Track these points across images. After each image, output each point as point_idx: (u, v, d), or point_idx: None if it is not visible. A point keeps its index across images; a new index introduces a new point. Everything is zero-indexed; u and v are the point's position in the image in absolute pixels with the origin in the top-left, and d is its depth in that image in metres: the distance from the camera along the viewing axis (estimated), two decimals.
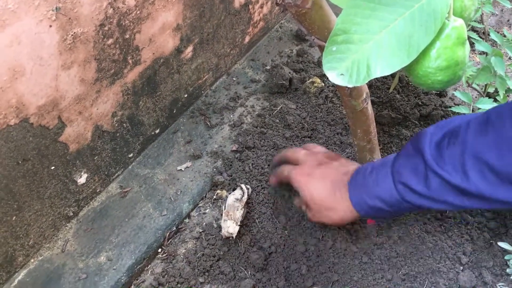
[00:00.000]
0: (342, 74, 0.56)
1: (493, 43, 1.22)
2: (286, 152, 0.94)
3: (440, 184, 0.66)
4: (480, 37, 1.18)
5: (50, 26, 0.69)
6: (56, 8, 0.69)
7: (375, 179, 0.75)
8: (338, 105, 1.14)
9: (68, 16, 0.71)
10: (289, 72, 1.19)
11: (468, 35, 0.98)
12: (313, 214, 0.83)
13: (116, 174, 1.00)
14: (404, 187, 0.70)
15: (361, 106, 0.79)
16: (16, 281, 0.85)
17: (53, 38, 0.71)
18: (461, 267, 0.87)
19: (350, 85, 0.55)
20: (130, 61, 0.88)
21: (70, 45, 0.74)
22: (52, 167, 0.83)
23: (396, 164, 0.73)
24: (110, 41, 0.81)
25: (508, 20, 1.41)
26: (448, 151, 0.66)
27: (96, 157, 0.92)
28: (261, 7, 1.23)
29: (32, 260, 0.88)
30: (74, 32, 0.74)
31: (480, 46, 0.87)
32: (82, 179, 0.91)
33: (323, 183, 0.82)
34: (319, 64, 1.25)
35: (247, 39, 1.24)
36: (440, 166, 0.66)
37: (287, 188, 0.96)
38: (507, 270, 0.83)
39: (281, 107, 1.13)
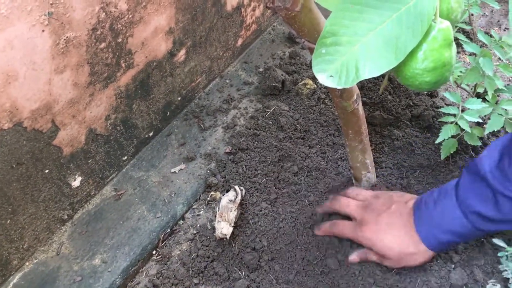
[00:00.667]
0: (331, 76, 0.57)
1: (483, 44, 1.23)
2: (332, 204, 0.92)
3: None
4: (470, 38, 1.20)
5: (43, 30, 0.70)
6: (49, 13, 0.69)
7: (441, 213, 0.74)
8: (330, 106, 1.15)
9: (61, 20, 0.72)
10: (282, 74, 1.20)
11: (456, 36, 1.00)
12: (396, 263, 0.82)
13: (110, 177, 1.01)
14: (476, 216, 0.70)
15: (352, 107, 0.80)
16: (11, 284, 0.85)
17: (45, 42, 0.71)
18: (453, 265, 0.88)
19: (339, 87, 0.56)
20: (123, 65, 0.89)
21: (62, 49, 0.74)
22: (46, 171, 0.84)
23: (460, 194, 0.72)
24: (103, 45, 0.82)
25: (498, 21, 1.42)
26: (511, 169, 0.65)
27: (90, 160, 0.93)
28: (253, 10, 1.24)
29: (27, 263, 0.88)
30: (67, 37, 0.74)
31: (468, 47, 0.88)
32: (76, 182, 0.92)
33: (394, 233, 0.81)
34: (311, 66, 1.25)
35: (239, 41, 1.25)
36: (508, 187, 0.65)
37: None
38: (499, 267, 0.84)
39: (274, 109, 1.14)
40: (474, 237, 0.74)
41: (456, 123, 0.88)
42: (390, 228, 0.81)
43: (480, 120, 0.87)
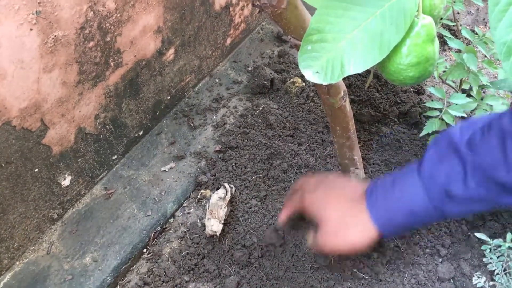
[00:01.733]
0: (317, 72, 0.58)
1: (469, 42, 1.25)
2: (294, 186, 0.84)
3: (481, 179, 0.59)
4: (455, 35, 1.21)
5: (31, 29, 0.70)
6: (37, 11, 0.69)
7: (400, 191, 0.66)
8: (319, 104, 1.16)
9: (49, 19, 0.72)
10: (271, 73, 1.21)
11: (441, 33, 1.01)
12: (327, 238, 0.72)
13: (100, 176, 1.01)
14: (439, 193, 0.63)
15: (339, 103, 0.81)
16: (1, 283, 0.85)
17: (34, 41, 0.71)
18: (440, 259, 0.89)
19: (325, 83, 0.57)
20: (112, 64, 0.89)
21: (51, 48, 0.75)
22: (36, 170, 0.84)
23: (425, 170, 0.64)
24: (91, 44, 0.82)
25: (483, 19, 1.44)
26: (483, 144, 0.59)
27: (80, 159, 0.93)
28: (242, 9, 1.24)
29: (17, 263, 0.88)
30: (55, 35, 0.74)
31: (453, 43, 0.89)
32: (66, 181, 0.92)
33: (339, 202, 0.73)
34: None
35: (228, 41, 1.26)
36: (480, 157, 0.59)
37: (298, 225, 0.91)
38: (484, 260, 0.86)
39: (263, 107, 1.15)
40: (433, 220, 0.66)
41: (442, 118, 0.90)
42: (338, 198, 0.73)
43: (465, 115, 0.89)
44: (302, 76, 1.21)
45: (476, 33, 0.92)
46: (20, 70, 0.71)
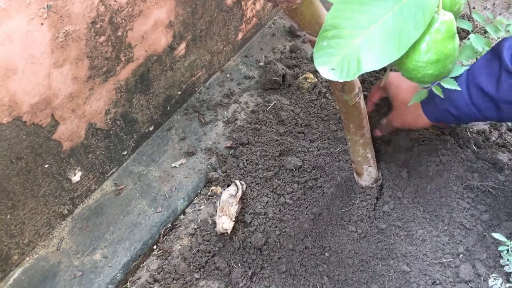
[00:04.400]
0: (333, 69, 0.56)
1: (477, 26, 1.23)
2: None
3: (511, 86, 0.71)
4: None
5: (42, 24, 0.69)
6: (47, 6, 0.69)
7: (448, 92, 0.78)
8: (331, 100, 1.15)
9: (60, 14, 0.71)
10: (282, 68, 1.19)
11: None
12: (396, 113, 0.93)
13: (111, 172, 1.00)
14: (475, 88, 0.76)
15: (354, 100, 0.79)
16: (11, 279, 0.85)
17: (44, 36, 0.71)
18: (458, 260, 0.87)
19: (341, 80, 0.56)
20: (123, 59, 0.88)
21: (62, 43, 0.74)
22: (46, 165, 0.84)
23: (471, 69, 0.78)
24: (102, 38, 0.81)
25: (500, 14, 1.41)
26: None
27: (90, 155, 0.92)
28: (254, 3, 1.23)
29: (27, 259, 0.88)
30: (66, 30, 0.74)
31: (463, 25, 0.87)
32: (76, 177, 0.91)
33: (411, 85, 0.89)
34: (312, 59, 1.25)
35: (240, 35, 1.24)
36: None
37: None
38: (501, 261, 0.84)
39: (275, 103, 1.14)
40: (467, 115, 0.79)
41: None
42: (406, 82, 0.90)
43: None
44: (314, 72, 1.19)
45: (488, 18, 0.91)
46: (31, 65, 0.71)
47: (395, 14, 0.54)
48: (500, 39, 0.80)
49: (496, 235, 0.84)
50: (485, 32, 0.98)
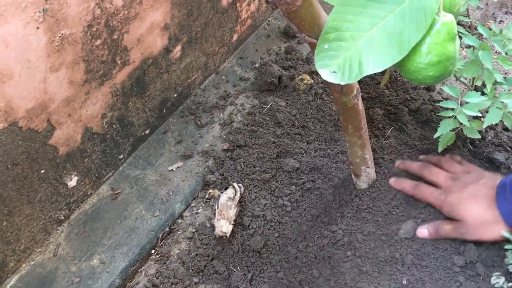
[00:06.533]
0: (334, 72, 0.56)
1: (479, 37, 1.23)
2: (421, 169, 0.96)
3: None
4: (467, 31, 1.19)
5: (38, 28, 0.68)
6: (43, 9, 0.68)
7: None
8: (328, 101, 1.14)
9: (56, 17, 0.70)
10: (278, 70, 1.19)
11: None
12: (472, 231, 0.84)
13: (107, 176, 0.99)
14: None
15: (352, 102, 0.79)
16: (8, 286, 0.84)
17: (40, 40, 0.70)
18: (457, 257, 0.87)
19: (342, 83, 0.55)
20: (119, 62, 0.87)
21: (58, 46, 0.73)
22: (42, 171, 0.83)
23: None
24: (98, 42, 0.80)
25: (493, 14, 1.42)
26: None
27: (87, 159, 0.91)
28: (249, 4, 1.22)
29: (23, 265, 0.87)
30: (62, 34, 0.73)
31: (468, 40, 0.87)
32: (72, 182, 0.90)
33: (477, 201, 0.84)
34: (308, 61, 1.25)
35: (235, 37, 1.24)
36: None
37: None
38: (505, 260, 0.84)
39: (271, 105, 1.13)
40: None
41: (455, 117, 0.88)
42: (474, 198, 0.84)
43: (480, 115, 0.87)
44: (310, 73, 1.19)
45: (491, 29, 0.90)
46: (26, 70, 0.70)
47: (396, 16, 0.54)
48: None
49: (504, 233, 0.83)
50: (475, 28, 0.98)
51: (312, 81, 1.17)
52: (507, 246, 0.83)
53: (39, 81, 0.73)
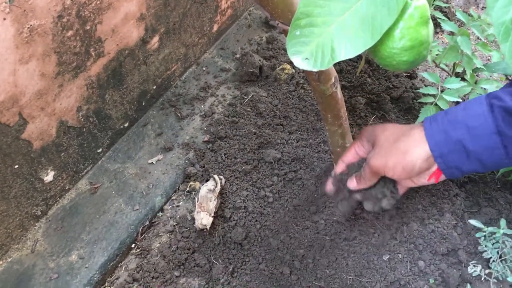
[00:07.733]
0: (307, 58, 0.55)
1: (461, 23, 1.23)
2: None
3: None
4: (447, 17, 1.18)
5: (4, 19, 0.66)
6: (9, 0, 0.66)
7: (463, 107, 0.64)
8: (309, 91, 1.13)
9: (23, 8, 0.68)
10: (259, 60, 1.18)
11: (434, 15, 0.98)
12: (379, 156, 0.71)
13: (85, 170, 0.98)
14: (501, 112, 0.60)
15: (330, 90, 0.78)
16: None
17: (7, 31, 0.68)
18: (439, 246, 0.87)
19: (315, 69, 0.54)
20: (93, 53, 0.86)
21: (27, 38, 0.71)
22: (16, 166, 0.81)
23: (493, 92, 0.63)
24: (70, 33, 0.78)
25: (475, 0, 1.41)
26: None
27: (63, 153, 0.90)
28: None
29: (0, 262, 0.85)
30: (31, 25, 0.71)
31: (447, 26, 0.87)
32: (49, 177, 0.89)
33: (394, 126, 0.73)
34: None
35: (215, 27, 1.22)
36: None
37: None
38: (479, 248, 0.84)
39: (252, 95, 1.12)
40: (486, 151, 0.62)
41: (436, 104, 0.87)
42: (393, 130, 0.73)
43: (460, 100, 0.86)
44: (291, 63, 1.18)
45: (471, 15, 0.89)
46: None
47: (368, 0, 0.53)
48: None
49: (473, 222, 0.84)
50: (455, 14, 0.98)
51: (294, 70, 1.16)
52: (478, 234, 0.83)
53: (8, 74, 0.71)
